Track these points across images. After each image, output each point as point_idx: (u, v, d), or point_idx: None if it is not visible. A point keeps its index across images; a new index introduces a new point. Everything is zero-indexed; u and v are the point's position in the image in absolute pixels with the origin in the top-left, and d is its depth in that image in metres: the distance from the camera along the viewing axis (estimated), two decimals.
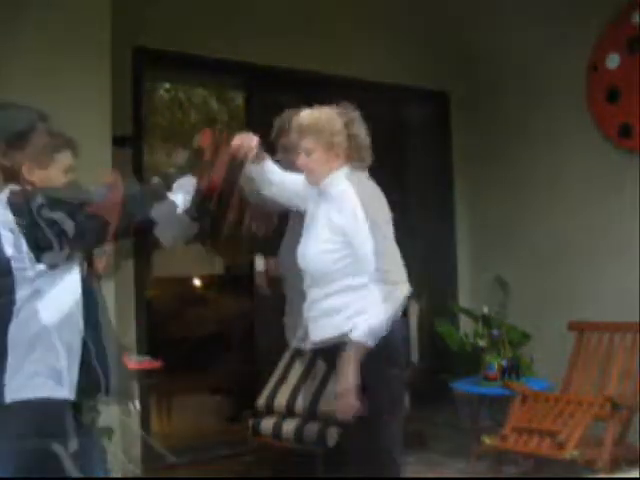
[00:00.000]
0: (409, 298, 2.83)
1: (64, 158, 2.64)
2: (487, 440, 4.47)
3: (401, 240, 2.85)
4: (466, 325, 5.65)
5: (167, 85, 7.90)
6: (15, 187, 2.49)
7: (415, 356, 5.28)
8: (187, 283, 7.26)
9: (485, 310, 5.32)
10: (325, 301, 2.84)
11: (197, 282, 7.27)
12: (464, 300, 5.97)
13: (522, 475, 4.57)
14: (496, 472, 4.56)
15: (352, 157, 2.92)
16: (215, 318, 6.88)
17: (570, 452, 4.11)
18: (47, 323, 2.39)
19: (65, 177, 2.62)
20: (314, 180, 2.95)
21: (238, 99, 6.91)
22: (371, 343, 2.73)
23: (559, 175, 5.40)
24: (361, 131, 2.95)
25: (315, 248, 2.87)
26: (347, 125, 2.91)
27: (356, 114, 2.96)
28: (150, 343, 4.70)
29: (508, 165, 5.72)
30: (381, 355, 2.76)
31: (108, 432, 3.64)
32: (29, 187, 2.54)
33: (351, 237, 2.78)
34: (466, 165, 6.08)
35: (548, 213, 5.46)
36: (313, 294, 2.90)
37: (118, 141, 4.14)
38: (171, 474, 4.53)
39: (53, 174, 2.60)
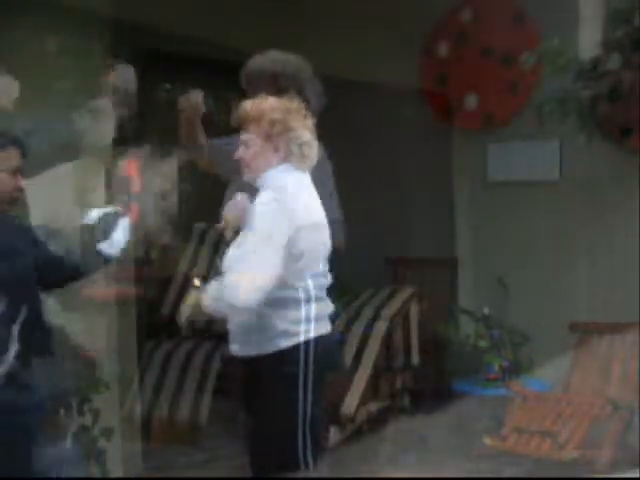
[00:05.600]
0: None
1: (8, 158, 2.51)
2: (487, 441, 4.46)
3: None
4: (467, 326, 5.64)
5: (167, 86, 7.90)
6: None
7: (416, 357, 5.30)
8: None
9: (485, 311, 5.32)
10: None
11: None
12: (464, 301, 5.96)
13: (522, 476, 4.57)
14: (496, 472, 4.56)
15: (292, 152, 2.66)
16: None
17: (570, 453, 4.10)
18: None
19: (14, 179, 2.52)
20: (250, 176, 2.74)
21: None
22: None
23: (559, 175, 5.39)
24: (302, 124, 2.69)
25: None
26: (287, 116, 2.66)
27: (299, 106, 2.73)
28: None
29: (508, 165, 5.71)
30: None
31: (108, 432, 3.64)
32: None
33: None
34: (466, 164, 6.07)
35: (548, 213, 5.45)
36: None
37: (118, 141, 4.13)
38: (171, 474, 4.52)
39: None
